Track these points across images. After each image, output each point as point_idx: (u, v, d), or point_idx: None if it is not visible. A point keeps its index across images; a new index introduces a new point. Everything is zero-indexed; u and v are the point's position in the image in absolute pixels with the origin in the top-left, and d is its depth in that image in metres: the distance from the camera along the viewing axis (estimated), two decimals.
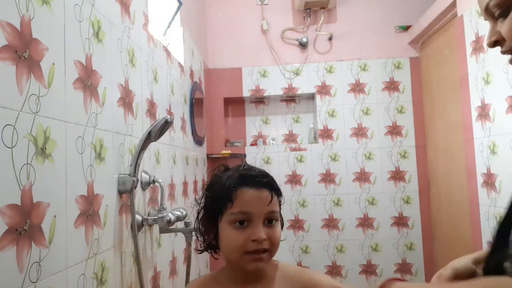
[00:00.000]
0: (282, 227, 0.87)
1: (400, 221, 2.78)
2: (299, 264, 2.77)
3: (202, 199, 0.88)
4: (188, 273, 1.52)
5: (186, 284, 1.53)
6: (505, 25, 0.62)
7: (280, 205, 0.87)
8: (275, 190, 0.83)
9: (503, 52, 0.66)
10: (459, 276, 0.70)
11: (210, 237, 0.85)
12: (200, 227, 0.87)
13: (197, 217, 0.88)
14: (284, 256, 2.70)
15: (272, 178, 0.85)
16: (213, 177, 0.89)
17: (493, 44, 0.67)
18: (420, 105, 2.81)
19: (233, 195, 0.80)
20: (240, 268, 0.81)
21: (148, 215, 1.33)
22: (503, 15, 0.62)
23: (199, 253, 0.91)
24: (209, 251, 0.88)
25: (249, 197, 0.80)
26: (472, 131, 1.95)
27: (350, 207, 2.81)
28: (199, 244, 0.90)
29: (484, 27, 1.82)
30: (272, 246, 0.81)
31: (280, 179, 2.16)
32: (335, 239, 2.80)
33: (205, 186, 0.89)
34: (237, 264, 0.81)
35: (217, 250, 0.87)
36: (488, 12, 0.65)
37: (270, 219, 0.82)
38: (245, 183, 0.81)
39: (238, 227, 0.79)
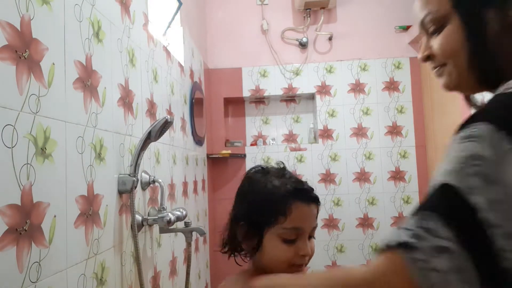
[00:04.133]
0: None
1: (400, 221, 2.78)
2: None
3: (240, 204, 0.84)
4: (188, 273, 1.52)
5: (186, 284, 1.53)
6: (437, 42, 0.64)
7: None
8: (319, 204, 0.83)
9: (433, 68, 0.68)
10: None
11: (250, 246, 0.81)
12: (237, 233, 0.82)
13: (235, 221, 0.83)
14: None
15: (315, 193, 0.84)
16: (254, 182, 0.83)
17: (425, 59, 0.68)
18: (420, 105, 2.81)
19: (288, 209, 0.77)
20: (268, 273, 0.78)
21: (148, 215, 1.33)
22: (437, 31, 0.64)
23: (224, 253, 0.86)
24: (234, 255, 0.85)
25: (303, 213, 0.78)
26: None
27: (350, 207, 2.81)
28: (223, 245, 0.86)
29: None
30: (310, 259, 0.81)
31: None
32: (335, 239, 2.80)
33: (244, 190, 0.85)
34: (276, 273, 0.78)
35: (241, 253, 0.84)
36: (423, 27, 0.67)
37: (311, 234, 0.82)
38: (299, 197, 0.79)
39: (287, 241, 0.77)
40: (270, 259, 0.79)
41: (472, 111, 0.61)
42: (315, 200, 0.82)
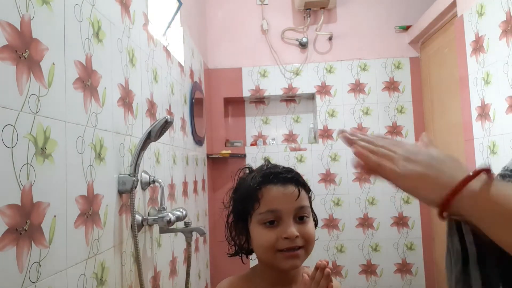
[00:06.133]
0: (316, 226, 0.85)
1: (400, 221, 2.78)
2: None
3: (230, 204, 0.86)
4: (188, 273, 1.52)
5: (186, 284, 1.53)
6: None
7: (310, 201, 0.85)
8: (301, 185, 0.81)
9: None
10: None
11: (242, 240, 0.83)
12: (231, 231, 0.85)
13: (227, 221, 0.86)
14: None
15: (297, 173, 0.84)
16: (238, 180, 0.87)
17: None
18: (420, 105, 2.81)
19: (259, 194, 0.79)
20: (275, 269, 0.79)
21: (148, 215, 1.33)
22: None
23: (230, 257, 0.88)
24: (240, 255, 0.86)
25: (275, 195, 0.79)
26: (472, 131, 1.95)
27: (350, 207, 2.81)
28: (228, 248, 0.88)
29: (484, 27, 1.82)
30: (307, 243, 0.78)
31: None
32: (335, 239, 2.80)
33: (232, 190, 0.88)
34: (271, 264, 0.79)
35: (249, 253, 0.85)
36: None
37: (301, 216, 0.80)
38: (269, 181, 0.80)
39: (269, 226, 0.78)
40: (257, 248, 0.80)
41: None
42: (291, 180, 0.81)
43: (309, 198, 0.85)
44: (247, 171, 0.88)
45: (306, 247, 0.79)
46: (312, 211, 0.85)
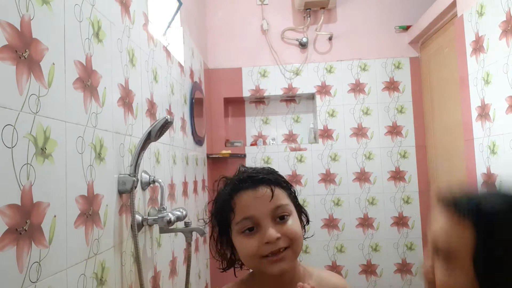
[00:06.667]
0: (307, 221, 0.83)
1: (400, 221, 2.78)
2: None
3: (210, 219, 0.84)
4: (188, 273, 1.52)
5: (186, 284, 1.53)
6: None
7: (293, 197, 0.81)
8: (275, 183, 0.77)
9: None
10: None
11: (228, 253, 0.81)
12: (217, 245, 0.82)
13: (211, 237, 0.83)
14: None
15: (269, 171, 0.80)
16: (216, 192, 0.84)
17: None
18: (420, 105, 2.81)
19: (232, 204, 0.76)
20: (269, 274, 0.76)
21: (148, 215, 1.33)
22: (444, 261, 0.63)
23: (222, 271, 0.85)
24: (233, 267, 0.84)
25: (247, 201, 0.75)
26: (472, 131, 1.95)
27: (350, 207, 2.81)
28: (219, 264, 0.85)
29: (484, 27, 1.82)
30: (292, 242, 0.75)
31: None
32: (335, 239, 2.80)
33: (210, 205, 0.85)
34: (260, 271, 0.77)
35: (239, 264, 0.83)
36: (434, 249, 0.67)
37: (281, 215, 0.76)
38: (239, 188, 0.77)
39: (249, 234, 0.75)
40: (243, 258, 0.79)
41: None
42: (261, 182, 0.76)
43: (291, 194, 0.81)
44: (224, 182, 0.84)
45: (292, 246, 0.75)
46: (299, 206, 0.82)
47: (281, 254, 0.74)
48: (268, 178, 0.77)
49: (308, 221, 0.84)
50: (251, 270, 0.84)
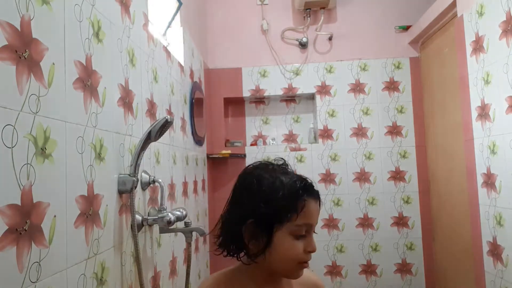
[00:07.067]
0: None
1: (400, 221, 2.78)
2: None
3: (249, 201, 0.79)
4: (188, 273, 1.52)
5: (186, 284, 1.53)
6: None
7: None
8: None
9: None
10: None
11: (260, 245, 0.77)
12: (243, 232, 0.78)
13: (232, 218, 0.80)
14: None
15: None
16: (261, 179, 0.80)
17: None
18: (420, 105, 2.81)
19: (300, 206, 0.77)
20: (268, 271, 0.80)
21: (148, 215, 1.33)
22: None
23: (217, 254, 0.83)
24: (236, 256, 0.82)
25: (313, 209, 0.79)
26: (472, 131, 1.95)
27: (350, 207, 2.81)
28: (220, 245, 0.83)
29: (484, 27, 1.82)
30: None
31: None
32: (335, 239, 2.80)
33: (251, 187, 0.80)
34: (286, 273, 0.81)
35: (239, 255, 0.81)
36: None
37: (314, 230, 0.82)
38: (310, 193, 0.80)
39: (297, 237, 0.78)
40: (280, 257, 0.77)
41: None
42: (318, 195, 0.82)
43: None
44: (263, 167, 0.83)
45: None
46: None
47: (308, 264, 0.80)
48: (319, 195, 0.83)
49: None
50: (239, 265, 0.83)
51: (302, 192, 0.78)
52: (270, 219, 0.76)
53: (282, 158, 0.88)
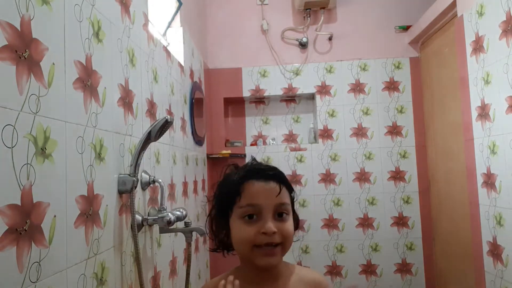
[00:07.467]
0: (297, 227, 0.87)
1: (400, 221, 2.78)
2: (299, 263, 2.77)
3: (213, 198, 0.88)
4: (188, 273, 1.52)
5: (186, 284, 1.53)
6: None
7: (292, 201, 0.86)
8: (283, 182, 0.83)
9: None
10: None
11: (222, 234, 0.85)
12: (212, 225, 0.87)
13: (209, 215, 0.88)
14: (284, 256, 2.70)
15: (280, 171, 0.85)
16: (223, 176, 0.88)
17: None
18: (420, 105, 2.81)
19: (241, 188, 0.80)
20: (255, 267, 0.80)
21: (148, 215, 1.33)
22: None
23: (211, 251, 0.91)
24: (221, 249, 0.88)
25: (256, 189, 0.80)
26: (472, 131, 1.95)
27: (350, 207, 2.81)
28: (213, 243, 0.90)
29: (484, 27, 1.82)
30: (285, 240, 0.80)
31: None
32: (335, 239, 2.80)
33: (216, 185, 0.90)
34: (249, 259, 0.80)
35: (230, 249, 0.86)
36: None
37: (280, 212, 0.81)
38: (252, 176, 0.82)
39: (248, 220, 0.79)
40: (236, 241, 0.81)
41: None
42: (273, 177, 0.82)
43: (291, 197, 0.86)
44: (233, 168, 0.89)
45: (284, 244, 0.80)
46: (294, 211, 0.86)
47: (274, 249, 0.79)
48: (279, 175, 0.83)
49: (297, 227, 0.88)
50: (236, 266, 0.87)
51: (244, 174, 0.82)
52: (223, 208, 0.84)
53: (253, 157, 0.95)
